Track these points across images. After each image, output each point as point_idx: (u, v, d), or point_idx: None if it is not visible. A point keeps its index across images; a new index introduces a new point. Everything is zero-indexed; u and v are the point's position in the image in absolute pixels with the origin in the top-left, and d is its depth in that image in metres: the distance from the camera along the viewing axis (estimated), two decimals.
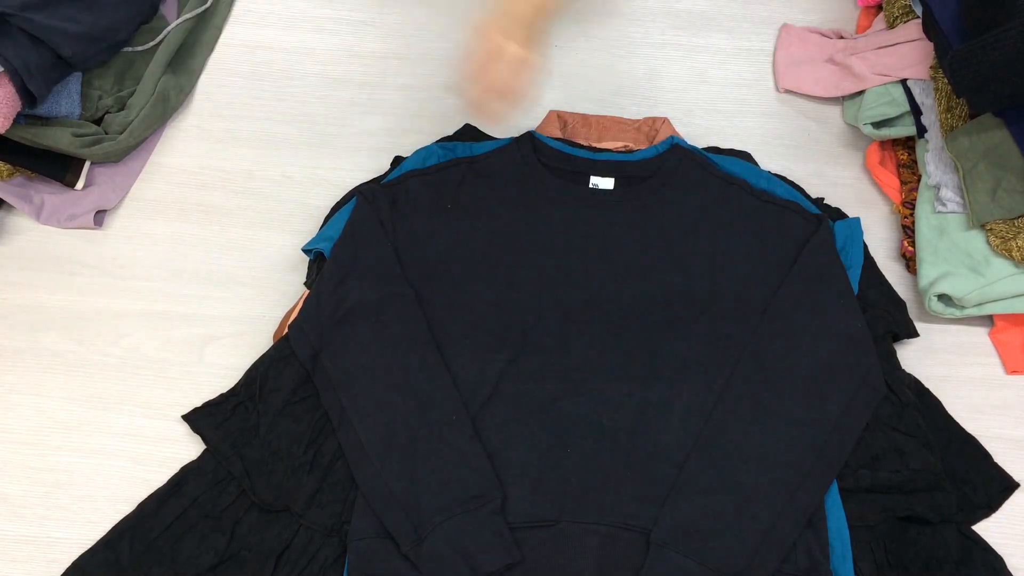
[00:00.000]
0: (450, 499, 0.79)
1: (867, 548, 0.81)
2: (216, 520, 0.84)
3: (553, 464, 0.82)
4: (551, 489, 0.81)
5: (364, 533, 0.80)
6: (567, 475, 0.82)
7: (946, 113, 1.00)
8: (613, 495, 0.81)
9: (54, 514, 0.89)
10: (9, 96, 0.96)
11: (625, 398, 0.85)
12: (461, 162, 0.99)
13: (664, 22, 1.25)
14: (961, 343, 0.99)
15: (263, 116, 1.16)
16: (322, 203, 1.07)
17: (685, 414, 0.84)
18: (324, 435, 0.86)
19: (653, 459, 0.82)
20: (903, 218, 1.05)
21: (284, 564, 0.81)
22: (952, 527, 0.83)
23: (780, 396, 0.84)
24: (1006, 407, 0.95)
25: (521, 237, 0.95)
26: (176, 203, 1.10)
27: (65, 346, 0.99)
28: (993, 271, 0.94)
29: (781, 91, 1.19)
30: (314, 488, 0.84)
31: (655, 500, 0.80)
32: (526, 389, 0.86)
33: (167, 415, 0.94)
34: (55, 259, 1.05)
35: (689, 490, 0.80)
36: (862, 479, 0.83)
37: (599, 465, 0.82)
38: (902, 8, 1.11)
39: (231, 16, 1.24)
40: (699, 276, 0.92)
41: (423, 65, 1.21)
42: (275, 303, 1.01)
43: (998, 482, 0.88)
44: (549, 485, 0.81)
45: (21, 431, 0.94)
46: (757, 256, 0.93)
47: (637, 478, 0.81)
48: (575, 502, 0.80)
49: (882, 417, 0.86)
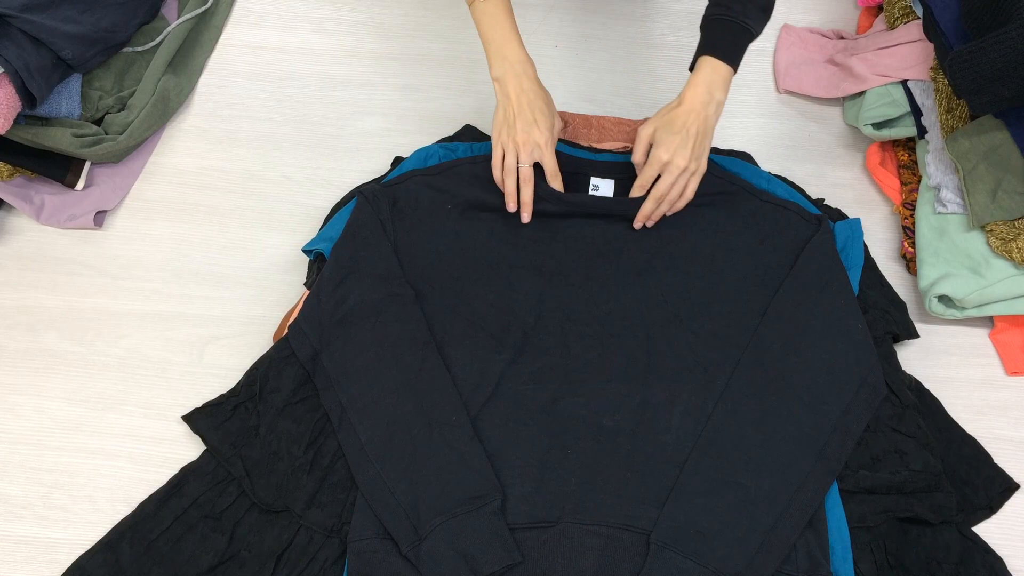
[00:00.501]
0: (450, 500, 0.79)
1: (867, 549, 0.81)
2: (216, 521, 0.84)
3: (553, 465, 0.82)
4: (551, 490, 0.81)
5: (364, 534, 0.80)
6: (567, 476, 0.82)
7: (946, 114, 1.00)
8: (614, 496, 0.81)
9: (54, 514, 0.89)
10: (9, 97, 0.96)
11: (625, 399, 0.85)
12: (463, 162, 0.99)
13: (664, 22, 1.25)
14: (961, 344, 0.99)
15: (263, 116, 1.16)
16: (322, 203, 1.07)
17: (685, 415, 0.84)
18: (324, 436, 0.86)
19: (653, 460, 0.82)
20: (903, 219, 1.05)
21: (284, 564, 0.81)
22: (952, 528, 0.83)
23: (780, 397, 0.83)
24: (1006, 408, 0.95)
25: (521, 238, 0.95)
26: (176, 203, 1.10)
27: (65, 346, 0.99)
28: (993, 272, 0.94)
29: (781, 91, 1.19)
30: (314, 489, 0.84)
31: (656, 501, 0.80)
32: (526, 390, 0.86)
33: (167, 415, 0.94)
34: (55, 259, 1.05)
35: (689, 491, 0.80)
36: (862, 480, 0.83)
37: (599, 466, 0.82)
38: (903, 9, 1.11)
39: (231, 16, 1.24)
40: (699, 276, 0.92)
41: (423, 65, 1.21)
42: (275, 303, 1.01)
43: (998, 483, 0.88)
44: (549, 486, 0.81)
45: (21, 431, 0.94)
46: (757, 256, 0.93)
47: (638, 479, 0.81)
48: (575, 503, 0.80)
49: (882, 418, 0.86)
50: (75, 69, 1.06)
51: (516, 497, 0.81)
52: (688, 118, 0.88)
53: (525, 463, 0.82)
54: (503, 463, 0.82)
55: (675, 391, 0.85)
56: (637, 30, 1.24)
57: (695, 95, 0.89)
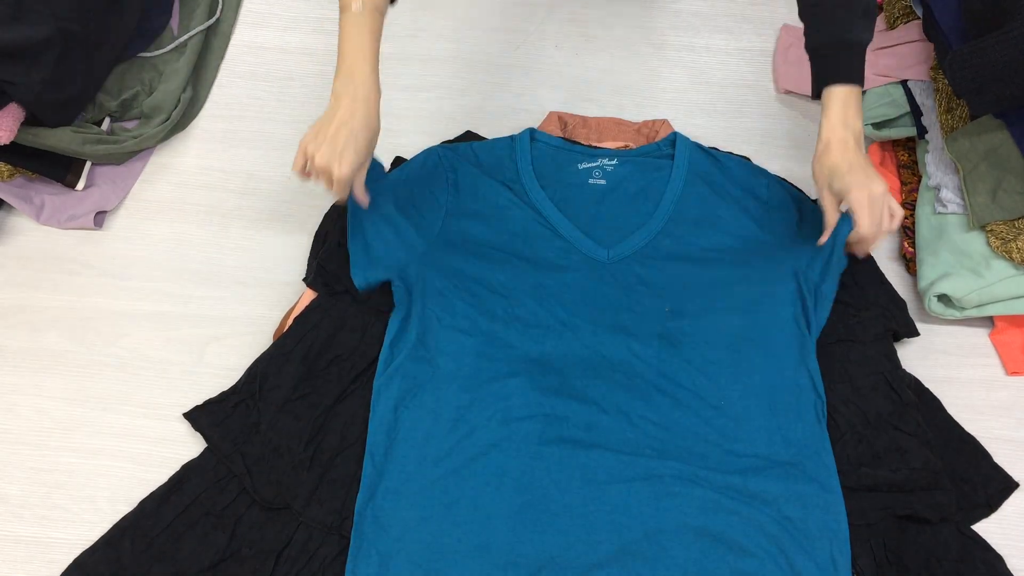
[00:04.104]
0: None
1: (867, 546, 0.81)
2: (217, 518, 0.84)
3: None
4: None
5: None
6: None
7: (946, 114, 1.01)
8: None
9: (54, 514, 0.89)
10: (13, 111, 0.97)
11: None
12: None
13: (664, 22, 1.25)
14: (961, 344, 0.99)
15: (263, 116, 1.16)
16: (322, 203, 1.07)
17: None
18: (324, 432, 0.87)
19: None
20: (903, 219, 1.05)
21: (284, 561, 0.81)
22: (952, 526, 0.83)
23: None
24: (1006, 408, 0.95)
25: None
26: (176, 203, 1.10)
27: (65, 346, 0.99)
28: (993, 272, 0.94)
29: (781, 91, 1.19)
30: (313, 485, 0.84)
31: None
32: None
33: (167, 415, 0.94)
34: (55, 259, 1.05)
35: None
36: (864, 477, 0.83)
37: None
38: (903, 9, 1.11)
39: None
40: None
41: (423, 66, 1.21)
42: (275, 303, 1.01)
43: (998, 482, 0.88)
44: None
45: (21, 431, 0.94)
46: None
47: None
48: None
49: (883, 416, 0.86)
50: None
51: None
52: (846, 156, 0.87)
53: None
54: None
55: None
56: (637, 30, 1.24)
57: (835, 135, 0.88)
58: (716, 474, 0.81)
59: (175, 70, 1.15)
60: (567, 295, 0.91)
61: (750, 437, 0.83)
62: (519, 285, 0.91)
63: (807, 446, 0.83)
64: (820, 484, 0.81)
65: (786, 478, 0.81)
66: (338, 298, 0.95)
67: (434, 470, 0.82)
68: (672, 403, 0.85)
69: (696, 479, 0.81)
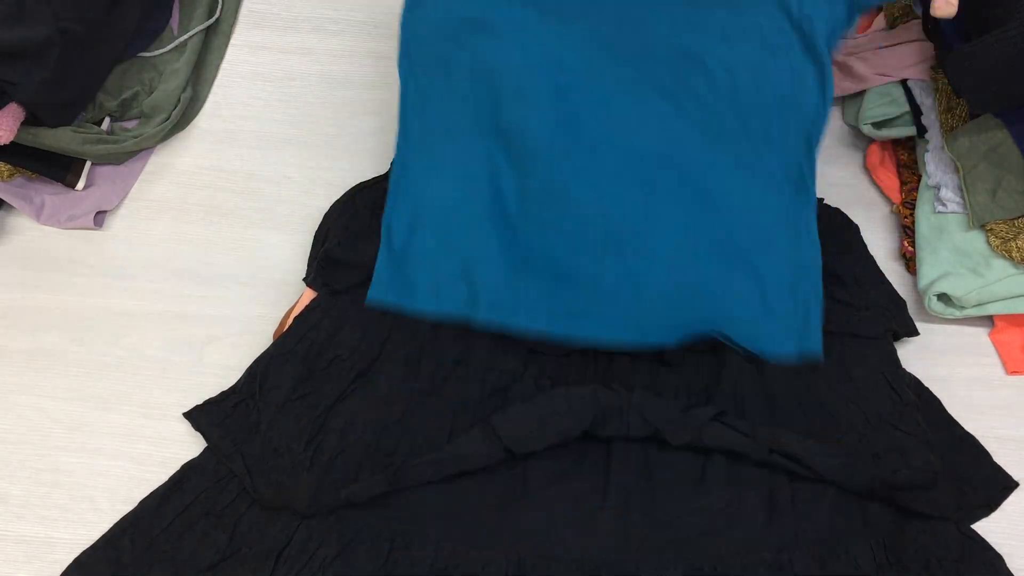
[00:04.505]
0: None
1: (866, 545, 0.81)
2: (217, 517, 0.84)
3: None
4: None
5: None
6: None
7: (946, 113, 1.01)
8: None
9: (54, 514, 0.89)
10: (13, 111, 0.97)
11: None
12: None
13: None
14: (961, 343, 0.99)
15: (263, 116, 1.16)
16: (322, 203, 1.07)
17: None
18: (324, 432, 0.86)
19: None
20: (903, 218, 1.05)
21: (284, 561, 0.81)
22: (951, 525, 0.83)
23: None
24: (1006, 407, 0.95)
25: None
26: (176, 203, 1.10)
27: (65, 346, 0.99)
28: (993, 271, 0.94)
29: None
30: (314, 485, 0.84)
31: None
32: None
33: (167, 415, 0.94)
34: (55, 259, 1.05)
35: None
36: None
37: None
38: (903, 8, 1.11)
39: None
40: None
41: None
42: (275, 303, 1.01)
43: (997, 482, 0.88)
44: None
45: (21, 431, 0.94)
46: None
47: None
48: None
49: (883, 416, 0.86)
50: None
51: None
52: None
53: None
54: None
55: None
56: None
57: None
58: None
59: (175, 70, 1.15)
60: None
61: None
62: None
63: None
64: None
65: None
66: (338, 298, 0.95)
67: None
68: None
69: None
